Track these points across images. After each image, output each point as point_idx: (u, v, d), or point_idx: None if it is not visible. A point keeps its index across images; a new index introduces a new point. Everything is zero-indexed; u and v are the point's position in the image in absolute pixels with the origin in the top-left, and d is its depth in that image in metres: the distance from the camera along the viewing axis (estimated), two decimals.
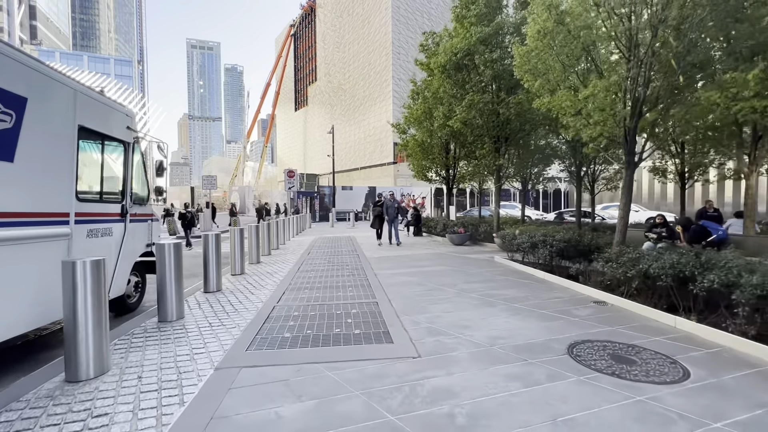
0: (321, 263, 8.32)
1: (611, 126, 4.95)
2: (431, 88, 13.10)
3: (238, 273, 7.14)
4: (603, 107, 4.57)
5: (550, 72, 5.21)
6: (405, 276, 6.77)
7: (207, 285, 5.71)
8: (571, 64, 5.32)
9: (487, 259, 8.74)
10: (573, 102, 4.78)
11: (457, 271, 7.26)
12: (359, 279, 6.51)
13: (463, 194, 35.04)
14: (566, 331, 3.86)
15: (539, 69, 5.45)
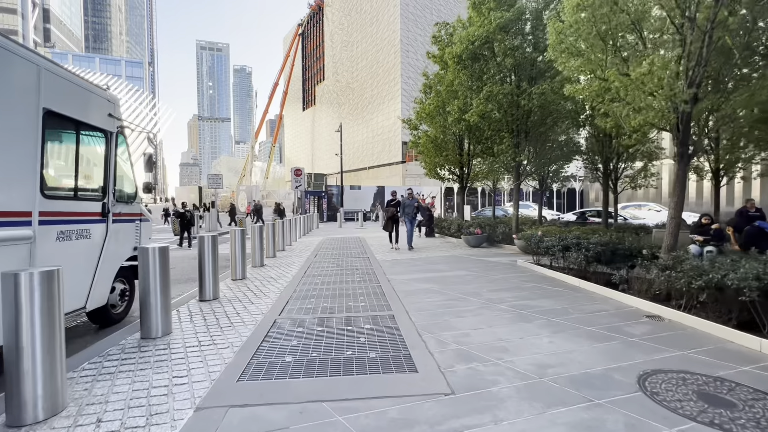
0: (329, 267, 7.70)
1: (664, 111, 4.23)
2: (444, 81, 12.40)
3: (239, 278, 6.56)
4: (659, 87, 3.86)
5: (592, 50, 4.51)
6: (422, 282, 6.10)
7: (202, 292, 5.12)
8: (614, 41, 4.61)
9: (509, 263, 8.02)
10: (623, 83, 4.08)
11: (478, 276, 6.57)
12: (371, 286, 5.86)
13: (474, 193, 34.20)
14: (627, 356, 3.16)
15: (577, 48, 4.75)
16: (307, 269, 7.45)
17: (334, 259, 8.72)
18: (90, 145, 4.01)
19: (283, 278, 6.61)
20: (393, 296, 5.19)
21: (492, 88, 9.25)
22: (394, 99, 51.51)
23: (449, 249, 10.50)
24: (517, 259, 8.42)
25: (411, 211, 10.20)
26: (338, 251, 10.26)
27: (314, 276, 6.74)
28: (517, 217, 11.09)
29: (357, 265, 7.86)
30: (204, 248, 5.10)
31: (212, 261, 5.14)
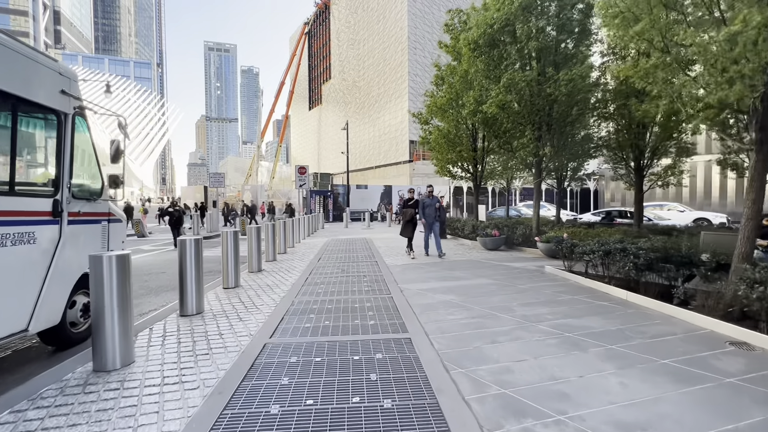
0: (333, 273, 6.90)
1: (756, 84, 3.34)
2: (458, 71, 11.55)
3: (231, 286, 5.79)
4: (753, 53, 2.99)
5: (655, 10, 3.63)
6: (439, 293, 5.27)
7: (183, 306, 4.35)
8: None
9: (535, 269, 7.14)
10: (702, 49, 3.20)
11: (504, 286, 5.71)
12: (381, 298, 5.04)
13: (484, 193, 33.19)
14: (739, 410, 2.31)
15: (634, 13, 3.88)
16: (309, 275, 6.66)
17: (340, 264, 7.92)
18: (34, 129, 3.26)
19: (282, 286, 5.82)
20: (407, 312, 4.37)
21: (513, 76, 8.37)
22: (402, 97, 50.65)
23: (464, 252, 9.63)
24: (542, 264, 7.54)
25: (432, 212, 8.68)
26: (344, 254, 9.46)
27: (316, 284, 5.94)
28: (537, 217, 10.19)
29: (364, 271, 7.05)
30: (185, 254, 4.33)
31: (195, 269, 4.36)
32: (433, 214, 8.71)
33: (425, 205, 8.75)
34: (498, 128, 10.41)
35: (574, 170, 12.10)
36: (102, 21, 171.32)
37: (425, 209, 8.72)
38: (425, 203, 8.75)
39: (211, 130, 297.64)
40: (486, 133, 11.55)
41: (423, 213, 8.71)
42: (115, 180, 4.00)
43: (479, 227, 10.97)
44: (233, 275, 5.82)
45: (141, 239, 15.75)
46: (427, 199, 8.82)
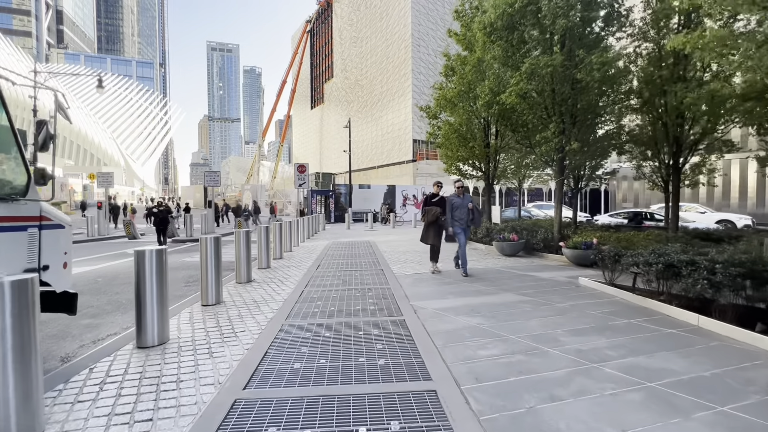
0: (333, 285, 5.95)
1: None
2: (471, 61, 10.60)
3: (212, 302, 4.85)
4: None
5: None
6: (462, 314, 4.31)
7: (141, 335, 3.42)
8: None
9: (566, 280, 6.17)
10: None
11: (538, 304, 4.75)
12: (391, 321, 4.09)
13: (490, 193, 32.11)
14: None
15: None
16: (305, 288, 5.71)
17: (340, 272, 6.98)
18: None
19: (271, 303, 4.89)
20: (426, 344, 3.42)
21: (537, 60, 7.41)
22: (405, 95, 49.70)
23: (480, 258, 8.67)
24: (572, 274, 6.58)
25: (464, 215, 6.59)
26: (345, 260, 8.52)
27: (312, 300, 4.99)
28: (560, 220, 9.21)
29: (369, 283, 6.10)
30: (144, 268, 3.39)
31: (157, 288, 3.43)
32: (464, 217, 6.60)
33: (455, 206, 6.60)
34: (516, 121, 9.44)
35: (592, 168, 11.14)
36: (105, 21, 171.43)
37: (454, 211, 6.61)
38: (454, 203, 6.62)
39: (213, 130, 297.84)
40: (501, 128, 10.58)
41: (452, 217, 6.62)
42: (41, 174, 3.07)
43: (494, 230, 10.01)
44: (214, 289, 4.89)
45: (132, 241, 14.89)
46: (456, 198, 6.63)
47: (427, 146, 51.26)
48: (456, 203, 6.67)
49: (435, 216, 6.73)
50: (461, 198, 6.73)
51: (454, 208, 6.67)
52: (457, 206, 6.66)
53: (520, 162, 12.84)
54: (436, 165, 49.20)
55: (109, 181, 16.63)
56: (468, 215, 6.66)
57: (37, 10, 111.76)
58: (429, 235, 6.87)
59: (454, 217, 6.64)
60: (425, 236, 6.92)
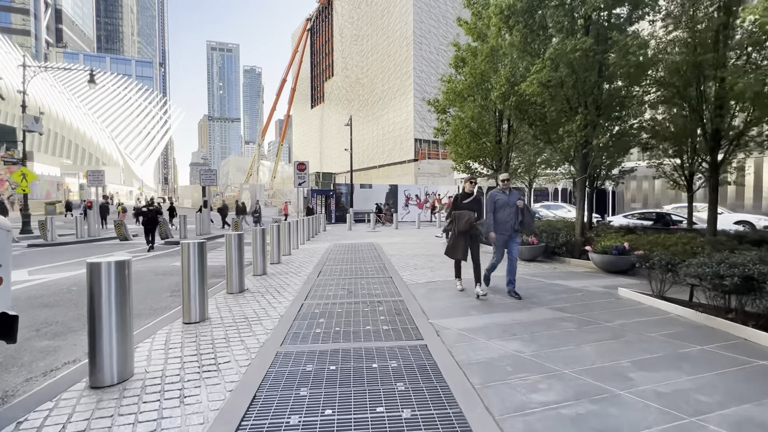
0: (337, 296, 5.21)
1: None
2: (483, 50, 9.85)
3: (195, 320, 4.11)
4: None
5: None
6: (494, 337, 3.56)
7: (95, 372, 2.67)
8: None
9: (602, 291, 5.42)
10: None
11: (581, 323, 4.00)
12: (410, 348, 3.34)
13: None
14: None
15: None
16: (305, 300, 4.96)
17: (345, 280, 6.23)
18: None
19: (265, 320, 4.14)
20: (461, 384, 2.67)
21: (564, 45, 6.66)
22: (407, 94, 48.98)
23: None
24: (606, 283, 5.84)
25: (511, 216, 5.06)
26: (349, 265, 7.77)
27: (314, 317, 4.24)
28: (583, 222, 8.46)
29: (378, 293, 5.35)
30: (97, 287, 2.65)
31: (117, 307, 2.69)
32: (512, 221, 5.06)
33: (498, 205, 5.09)
34: (533, 114, 8.69)
35: (608, 166, 10.40)
36: (104, 20, 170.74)
37: (498, 212, 5.09)
38: (498, 201, 5.09)
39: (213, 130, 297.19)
40: (516, 122, 9.82)
41: (495, 219, 5.10)
42: None
43: None
44: (197, 304, 4.14)
45: (124, 243, 14.15)
46: (500, 195, 5.13)
47: (429, 145, 50.54)
48: (500, 201, 5.08)
49: (469, 223, 4.98)
50: (507, 195, 5.10)
51: (498, 208, 5.08)
52: (501, 205, 5.06)
53: (533, 160, 12.12)
54: (438, 164, 48.52)
55: (100, 180, 15.89)
56: (516, 217, 5.06)
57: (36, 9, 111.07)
58: (458, 248, 5.12)
59: (498, 220, 5.07)
60: (454, 249, 5.19)
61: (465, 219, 5.03)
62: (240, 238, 5.61)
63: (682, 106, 7.87)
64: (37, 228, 15.02)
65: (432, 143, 50.49)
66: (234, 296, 5.29)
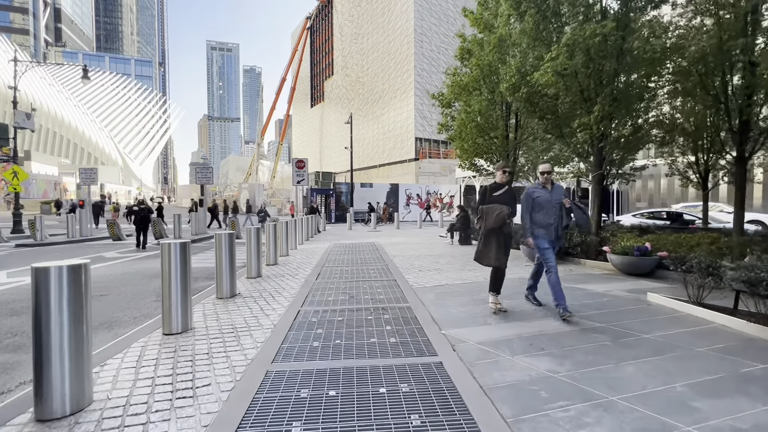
0: (337, 302, 4.72)
1: None
2: (492, 40, 9.37)
3: (177, 331, 3.63)
4: None
5: None
6: (521, 354, 3.07)
7: (41, 400, 2.18)
8: None
9: (628, 296, 4.94)
10: None
11: (616, 335, 3.51)
12: (424, 366, 2.85)
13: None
14: None
15: None
16: (302, 307, 4.48)
17: (346, 284, 5.74)
18: None
19: (257, 331, 3.65)
20: (489, 416, 2.18)
21: (582, 29, 6.18)
22: (407, 92, 48.50)
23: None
24: (630, 286, 5.36)
25: (553, 217, 4.16)
26: (350, 267, 7.29)
27: (310, 328, 3.75)
28: (598, 221, 7.98)
29: (382, 298, 4.86)
30: (44, 300, 2.16)
31: (69, 331, 2.20)
32: (556, 222, 4.16)
33: (538, 202, 4.14)
34: (545, 106, 8.20)
35: (619, 163, 9.92)
36: (104, 19, 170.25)
37: (537, 211, 4.14)
38: (538, 198, 4.14)
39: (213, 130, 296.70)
40: (527, 115, 9.33)
41: (531, 220, 4.17)
42: None
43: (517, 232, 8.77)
44: (179, 312, 3.66)
45: (116, 243, 13.66)
46: (540, 191, 4.19)
47: (430, 144, 50.07)
48: (541, 198, 4.14)
49: (501, 219, 4.01)
50: (548, 190, 4.18)
51: (537, 207, 4.14)
52: (542, 203, 4.12)
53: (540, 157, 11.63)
54: (439, 163, 48.03)
55: (93, 178, 15.39)
56: (560, 219, 4.16)
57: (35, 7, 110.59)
58: (491, 250, 4.11)
59: (536, 220, 4.14)
60: (484, 252, 4.17)
61: (495, 213, 4.02)
62: (231, 238, 5.12)
63: (704, 98, 7.39)
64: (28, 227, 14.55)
65: (433, 142, 50.03)
66: (224, 302, 4.81)
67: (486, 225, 4.11)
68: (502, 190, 4.22)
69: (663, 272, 6.25)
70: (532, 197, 4.20)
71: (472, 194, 31.26)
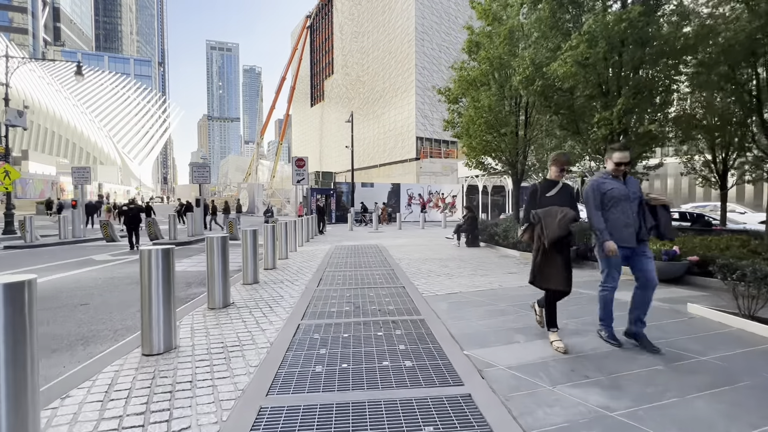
0: (341, 313, 4.23)
1: None
2: (502, 31, 8.89)
3: (158, 351, 3.14)
4: None
5: None
6: (565, 384, 2.58)
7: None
8: None
9: (664, 306, 4.45)
10: None
11: (667, 357, 3.02)
12: (449, 400, 2.36)
13: (500, 192, 30.55)
14: None
15: None
16: (301, 322, 3.99)
17: (350, 291, 5.25)
18: None
19: (250, 350, 3.16)
20: None
21: (605, 16, 5.70)
22: (408, 91, 48.01)
23: (520, 269, 6.96)
24: (663, 295, 4.87)
25: (631, 215, 3.11)
26: (354, 271, 6.80)
27: (312, 348, 3.26)
28: None
29: (391, 309, 4.37)
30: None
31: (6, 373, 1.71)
32: (636, 224, 3.12)
33: (611, 197, 3.15)
34: (561, 100, 7.72)
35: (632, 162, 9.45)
36: (103, 19, 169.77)
37: (610, 209, 3.15)
38: (610, 192, 3.15)
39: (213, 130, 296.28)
40: (541, 109, 8.85)
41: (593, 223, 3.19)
42: None
43: None
44: (160, 331, 3.17)
45: (109, 244, 13.18)
46: (613, 183, 3.19)
47: (431, 144, 49.58)
48: (614, 192, 3.12)
49: (567, 224, 3.02)
50: (623, 182, 3.18)
51: (609, 203, 3.14)
52: (617, 198, 3.11)
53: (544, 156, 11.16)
54: (440, 163, 47.52)
55: (86, 177, 14.91)
56: (640, 218, 3.12)
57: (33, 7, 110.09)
58: (555, 268, 3.11)
59: (612, 222, 3.11)
60: (548, 272, 3.15)
61: (559, 218, 3.00)
62: (224, 242, 4.63)
63: (733, 90, 6.91)
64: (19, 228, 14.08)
65: (434, 141, 49.56)
66: (215, 313, 4.32)
67: (548, 234, 3.02)
68: (557, 188, 3.24)
69: (692, 278, 5.80)
70: (601, 191, 3.16)
71: (475, 194, 30.79)
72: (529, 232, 3.28)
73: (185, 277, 7.03)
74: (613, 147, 3.22)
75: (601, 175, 3.31)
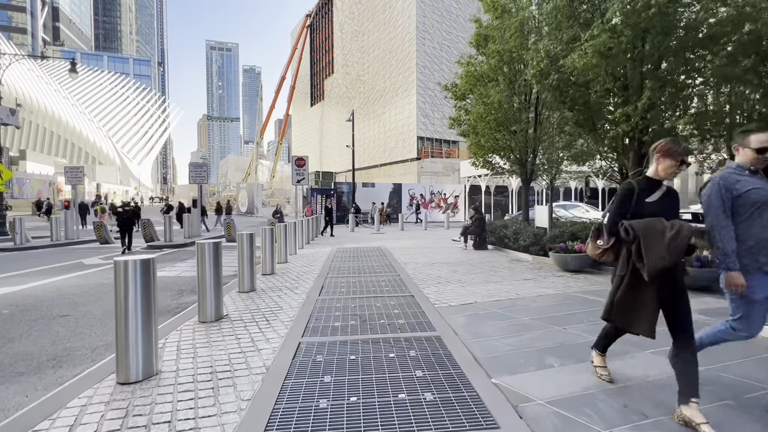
0: (346, 329, 3.78)
1: None
2: (512, 23, 8.45)
3: (135, 379, 2.70)
4: None
5: None
6: (622, 428, 2.14)
7: None
8: None
9: (707, 320, 4.01)
10: None
11: (733, 389, 2.58)
12: None
13: (503, 192, 30.10)
14: None
15: None
16: (301, 341, 3.54)
17: (354, 302, 4.80)
18: None
19: (239, 381, 2.71)
20: None
21: (633, 4, 5.25)
22: (409, 90, 47.56)
23: (535, 275, 6.51)
24: (702, 306, 4.43)
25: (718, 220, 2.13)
26: (357, 277, 6.35)
27: (314, 374, 2.81)
28: None
29: (401, 323, 3.92)
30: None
31: None
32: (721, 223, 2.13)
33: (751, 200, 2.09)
34: (577, 95, 7.28)
35: None
36: (102, 19, 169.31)
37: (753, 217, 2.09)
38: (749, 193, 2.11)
39: (212, 130, 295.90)
40: (550, 107, 8.41)
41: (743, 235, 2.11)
42: None
43: (544, 237, 7.85)
44: (138, 356, 2.72)
45: (103, 246, 12.73)
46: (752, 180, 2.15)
47: (432, 143, 49.12)
48: (758, 195, 2.10)
49: (679, 251, 1.98)
50: (765, 179, 2.17)
51: (747, 210, 2.12)
52: (760, 203, 2.09)
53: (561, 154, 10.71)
54: (441, 163, 47.05)
55: (79, 177, 14.46)
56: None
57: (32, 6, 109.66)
58: (642, 311, 2.11)
59: (755, 236, 2.09)
60: (635, 310, 2.13)
61: (669, 239, 1.98)
62: (216, 249, 4.19)
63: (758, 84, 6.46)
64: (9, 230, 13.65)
65: (435, 141, 49.13)
66: (206, 328, 3.88)
67: (649, 261, 1.99)
68: (661, 191, 2.21)
69: None
70: (733, 192, 2.14)
71: (478, 194, 30.35)
72: (615, 249, 2.27)
73: (177, 283, 6.59)
74: (746, 129, 2.24)
75: (731, 170, 2.21)
